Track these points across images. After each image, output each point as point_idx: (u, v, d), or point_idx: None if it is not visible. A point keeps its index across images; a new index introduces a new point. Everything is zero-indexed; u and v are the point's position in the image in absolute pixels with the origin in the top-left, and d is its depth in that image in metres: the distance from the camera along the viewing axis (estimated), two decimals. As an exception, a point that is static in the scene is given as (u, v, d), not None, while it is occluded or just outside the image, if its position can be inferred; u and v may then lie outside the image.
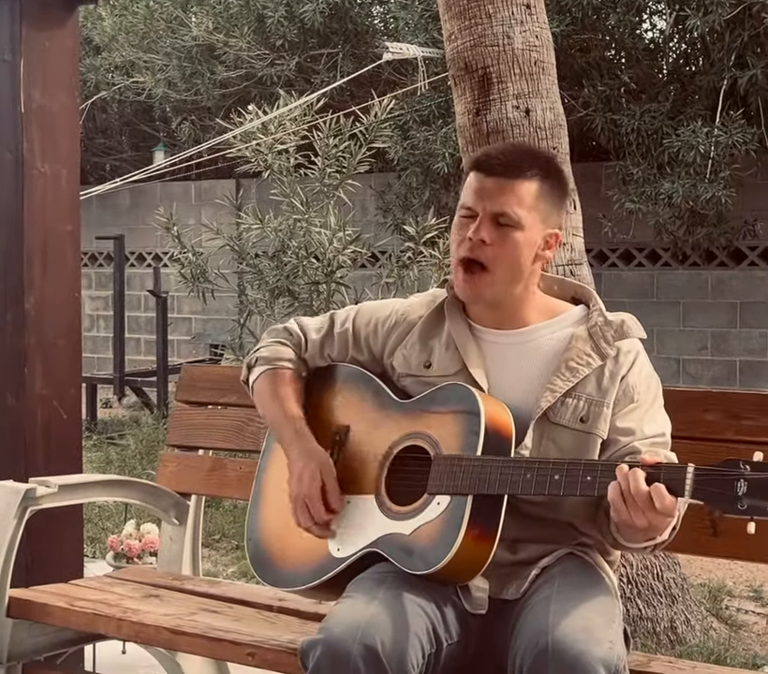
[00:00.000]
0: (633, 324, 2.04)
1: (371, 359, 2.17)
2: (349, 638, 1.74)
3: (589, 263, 3.98)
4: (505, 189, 1.98)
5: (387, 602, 1.82)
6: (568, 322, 2.06)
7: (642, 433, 1.97)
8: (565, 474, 1.82)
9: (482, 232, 1.97)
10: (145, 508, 2.82)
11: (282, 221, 5.30)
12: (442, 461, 1.93)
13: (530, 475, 1.85)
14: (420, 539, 1.90)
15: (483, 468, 1.88)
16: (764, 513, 1.65)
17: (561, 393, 1.97)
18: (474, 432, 1.91)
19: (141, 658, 2.93)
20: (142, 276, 10.03)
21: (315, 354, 2.21)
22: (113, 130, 11.20)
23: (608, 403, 1.97)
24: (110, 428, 7.56)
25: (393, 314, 2.15)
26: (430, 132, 7.60)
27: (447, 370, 2.04)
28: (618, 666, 1.71)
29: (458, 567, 1.86)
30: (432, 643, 1.83)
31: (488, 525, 1.87)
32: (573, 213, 3.76)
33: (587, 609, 1.79)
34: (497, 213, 1.98)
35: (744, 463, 1.68)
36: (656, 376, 2.06)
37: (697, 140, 6.97)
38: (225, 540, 4.92)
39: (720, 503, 1.68)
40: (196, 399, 2.87)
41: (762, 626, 3.86)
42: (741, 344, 7.99)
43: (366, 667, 1.72)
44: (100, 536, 4.66)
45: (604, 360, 1.99)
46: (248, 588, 2.68)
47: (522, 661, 1.73)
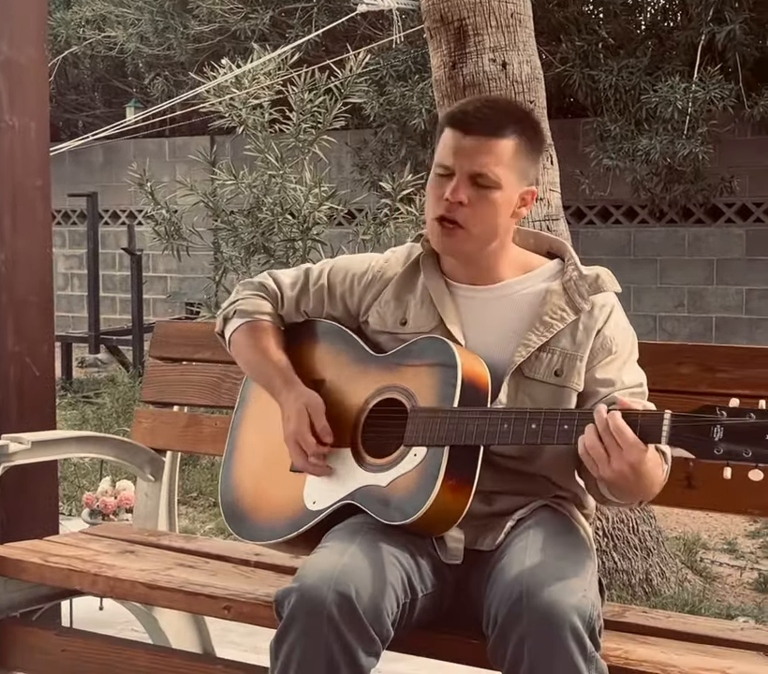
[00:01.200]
0: (608, 278, 2.04)
1: (346, 316, 2.15)
2: (323, 586, 1.74)
3: (567, 221, 3.96)
4: (483, 149, 1.95)
5: (361, 551, 1.82)
6: (542, 277, 2.05)
7: (621, 383, 1.97)
8: (542, 423, 1.83)
9: (460, 193, 1.95)
10: (120, 465, 2.81)
11: (257, 177, 5.24)
12: (419, 412, 1.93)
13: (507, 425, 1.85)
14: (396, 490, 1.90)
15: (460, 419, 1.88)
16: (740, 457, 1.66)
17: (535, 348, 1.97)
18: (451, 384, 1.91)
19: (119, 614, 2.94)
20: (117, 234, 9.95)
21: (291, 311, 2.19)
22: (85, 86, 11.04)
23: (581, 357, 1.98)
24: (85, 387, 7.53)
25: (370, 270, 2.14)
26: (406, 87, 7.53)
27: (423, 327, 2.04)
28: (592, 614, 1.72)
29: (434, 518, 1.87)
30: (406, 593, 1.84)
31: (464, 476, 1.87)
32: (550, 169, 3.74)
33: (561, 559, 1.80)
34: (476, 174, 1.95)
35: (720, 409, 1.68)
36: (631, 330, 2.06)
37: (675, 96, 6.93)
38: (202, 497, 4.92)
39: (697, 448, 1.69)
40: (170, 355, 2.85)
41: (736, 578, 3.91)
42: (717, 300, 8.02)
43: (340, 615, 1.72)
44: (76, 494, 4.65)
45: (578, 315, 1.99)
46: (225, 543, 2.68)
47: (496, 610, 1.74)
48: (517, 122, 1.99)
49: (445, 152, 1.98)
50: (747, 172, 7.79)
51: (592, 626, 1.71)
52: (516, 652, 1.70)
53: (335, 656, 1.73)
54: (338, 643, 1.72)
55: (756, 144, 7.77)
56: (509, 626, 1.71)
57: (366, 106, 7.48)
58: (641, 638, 1.98)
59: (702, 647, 1.95)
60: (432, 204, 2.00)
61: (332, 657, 1.73)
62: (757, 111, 7.18)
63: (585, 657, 1.69)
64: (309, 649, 1.73)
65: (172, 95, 8.96)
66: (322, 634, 1.72)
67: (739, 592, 3.79)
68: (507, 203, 1.97)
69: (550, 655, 1.68)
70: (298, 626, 1.74)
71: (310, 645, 1.73)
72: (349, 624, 1.73)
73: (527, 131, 1.99)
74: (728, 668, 1.82)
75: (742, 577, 3.92)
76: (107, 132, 8.32)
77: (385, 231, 5.18)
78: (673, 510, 4.38)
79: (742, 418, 1.66)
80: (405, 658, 2.01)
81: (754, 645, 1.96)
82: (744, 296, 7.96)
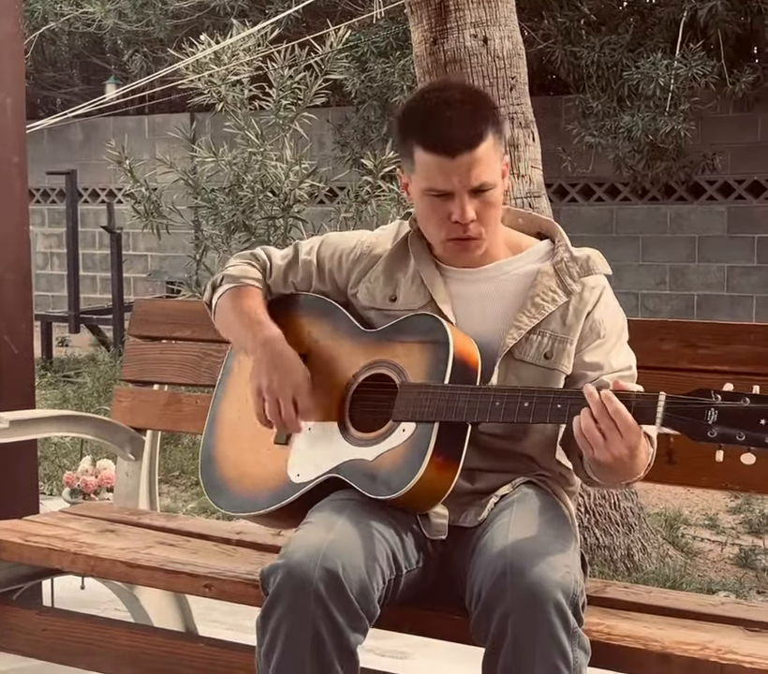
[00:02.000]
0: (599, 260, 2.03)
1: (335, 291, 2.14)
2: (310, 563, 1.73)
3: (549, 198, 3.95)
4: (475, 163, 1.90)
5: (347, 527, 1.82)
6: (533, 258, 2.04)
7: (609, 367, 1.97)
8: (534, 401, 1.82)
9: (469, 212, 1.91)
10: (100, 444, 2.79)
11: (237, 154, 5.20)
12: (408, 388, 1.92)
13: (499, 402, 1.84)
14: (383, 465, 1.89)
15: (452, 396, 1.87)
16: (733, 441, 1.66)
17: (527, 330, 1.96)
18: (442, 360, 1.90)
19: (100, 593, 2.94)
20: (96, 213, 9.87)
21: (278, 280, 2.18)
22: (63, 63, 10.92)
23: (571, 340, 1.97)
24: (66, 366, 7.49)
25: (359, 245, 2.12)
26: (387, 64, 7.48)
27: (413, 304, 2.03)
28: (576, 590, 1.72)
29: (420, 494, 1.87)
30: (392, 569, 1.84)
31: (452, 453, 1.87)
32: (532, 146, 3.72)
33: (544, 535, 1.80)
34: (477, 187, 1.91)
35: (715, 392, 1.69)
36: (621, 312, 2.06)
37: (657, 73, 6.91)
38: (184, 476, 4.91)
39: (691, 431, 1.69)
40: (149, 333, 2.83)
41: (717, 553, 3.93)
42: (699, 278, 8.04)
43: (327, 591, 1.72)
44: (57, 474, 4.63)
45: (569, 297, 1.99)
46: (206, 522, 2.68)
47: (480, 586, 1.74)
48: (486, 117, 1.93)
49: (436, 177, 1.91)
50: (729, 149, 7.79)
51: (575, 602, 1.72)
52: (500, 628, 1.70)
53: (322, 633, 1.72)
54: (325, 620, 1.72)
55: (738, 121, 7.76)
56: (492, 602, 1.71)
57: (347, 83, 7.43)
58: (623, 614, 1.98)
59: (684, 621, 1.96)
60: (436, 228, 1.96)
61: (319, 633, 1.72)
62: (739, 88, 7.17)
63: (569, 633, 1.69)
64: (295, 625, 1.73)
65: (151, 72, 8.86)
66: (309, 610, 1.72)
67: (720, 567, 3.81)
68: (501, 189, 1.96)
69: (533, 631, 1.68)
70: (284, 603, 1.74)
71: (296, 621, 1.73)
72: (336, 601, 1.72)
73: (494, 116, 1.94)
74: (708, 642, 1.82)
75: (723, 552, 3.95)
76: (85, 109, 8.24)
77: (367, 209, 5.16)
78: (655, 486, 4.40)
79: (736, 402, 1.67)
80: (390, 635, 2.02)
81: (734, 619, 1.97)
82: (725, 273, 7.98)
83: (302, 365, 2.03)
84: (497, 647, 1.71)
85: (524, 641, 1.68)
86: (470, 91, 2.01)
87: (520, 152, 3.65)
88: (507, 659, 1.70)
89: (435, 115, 1.92)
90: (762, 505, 4.42)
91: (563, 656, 1.68)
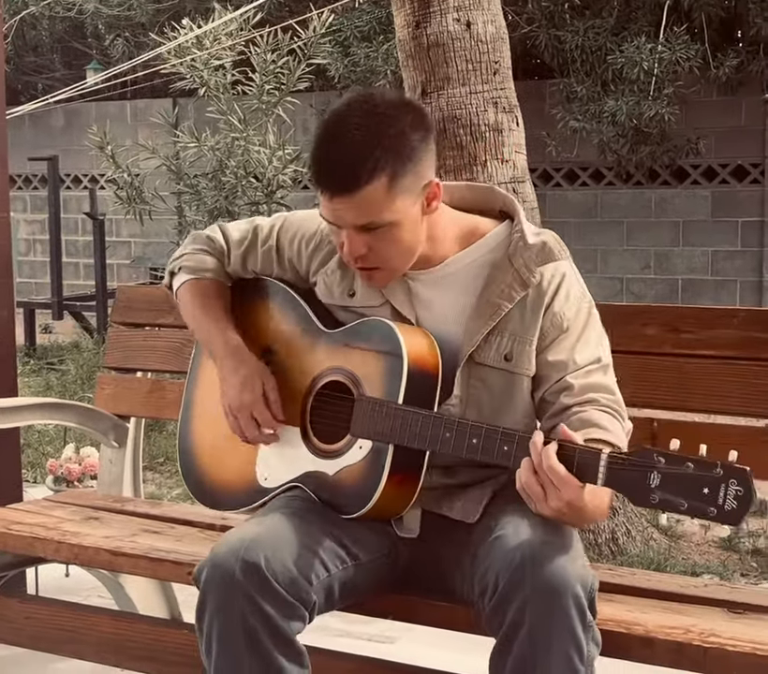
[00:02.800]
0: (555, 245, 1.92)
1: (296, 278, 2.08)
2: (232, 557, 1.72)
3: (533, 183, 3.94)
4: (354, 205, 1.77)
5: (279, 521, 1.80)
6: (488, 247, 1.93)
7: (574, 365, 1.87)
8: (482, 439, 1.76)
9: (355, 247, 1.81)
10: (83, 431, 2.78)
11: (219, 140, 5.18)
12: (365, 403, 1.87)
13: (449, 434, 1.78)
14: (343, 481, 1.88)
15: (404, 419, 1.81)
16: (675, 509, 1.60)
17: (483, 334, 1.88)
18: (396, 375, 1.84)
19: (85, 581, 2.93)
20: (79, 199, 9.82)
21: (237, 268, 2.13)
22: (44, 48, 10.83)
23: (531, 340, 1.88)
24: (49, 353, 7.45)
25: (319, 232, 2.03)
26: (371, 49, 7.44)
27: (371, 301, 1.96)
28: (593, 584, 1.70)
29: (383, 509, 1.86)
30: (343, 558, 1.81)
31: (410, 470, 1.84)
32: (516, 130, 3.70)
33: (556, 528, 1.75)
34: (362, 226, 1.80)
35: (657, 455, 1.60)
36: (586, 297, 1.94)
37: (641, 57, 6.90)
38: (169, 463, 4.90)
39: (633, 494, 1.62)
40: (132, 320, 2.81)
41: (701, 536, 3.95)
42: (683, 262, 8.05)
43: (250, 583, 1.70)
44: (41, 461, 4.62)
45: (526, 290, 1.88)
46: (190, 508, 2.66)
47: (496, 577, 1.69)
48: (379, 152, 1.76)
49: (323, 209, 1.82)
50: (713, 133, 7.80)
51: (592, 596, 1.69)
52: (516, 618, 1.67)
53: (253, 625, 1.70)
54: (253, 612, 1.70)
55: (721, 105, 7.76)
56: (510, 593, 1.67)
57: (331, 67, 7.40)
58: (606, 596, 1.98)
59: (667, 604, 1.96)
60: (340, 253, 1.89)
61: (251, 626, 1.70)
62: (722, 72, 7.16)
63: (584, 626, 1.67)
64: (226, 621, 1.71)
65: (133, 57, 8.80)
66: (236, 604, 1.70)
67: (704, 550, 3.83)
68: (409, 224, 1.83)
69: (550, 621, 1.65)
70: (212, 600, 1.73)
71: (227, 617, 1.71)
72: (262, 592, 1.70)
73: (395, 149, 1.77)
74: (692, 626, 1.82)
75: (707, 535, 3.96)
76: (67, 94, 8.18)
77: (350, 194, 5.13)
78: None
79: (679, 467, 1.58)
80: (372, 621, 2.02)
81: (717, 601, 1.98)
82: (709, 257, 7.99)
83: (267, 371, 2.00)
84: (512, 638, 1.68)
85: (541, 632, 1.65)
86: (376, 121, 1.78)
87: (504, 136, 3.63)
88: (521, 649, 1.67)
89: (324, 151, 1.80)
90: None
91: (578, 649, 1.66)
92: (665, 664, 1.80)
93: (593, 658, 1.70)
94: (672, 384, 2.20)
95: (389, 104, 1.81)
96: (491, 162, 3.58)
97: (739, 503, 1.56)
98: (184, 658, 2.23)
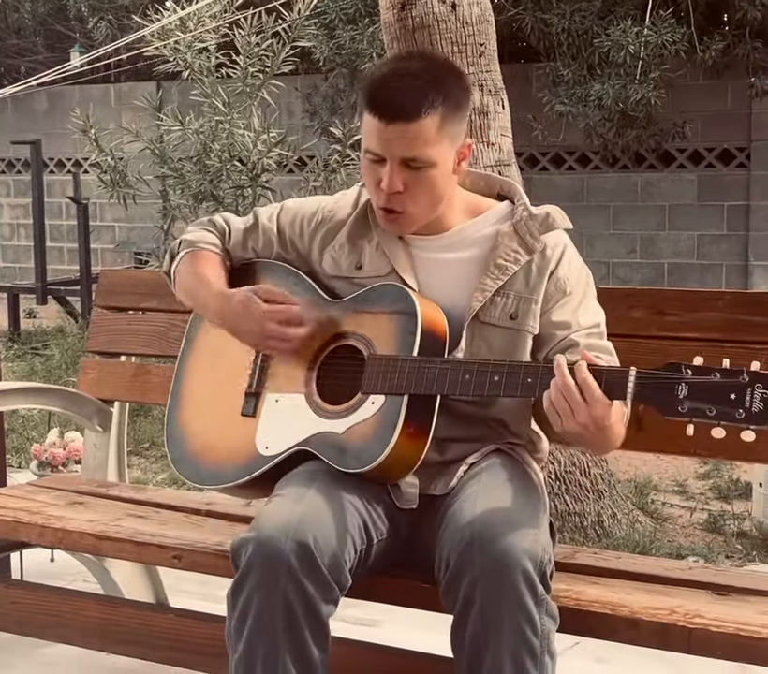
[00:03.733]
0: (558, 215, 2.01)
1: (298, 258, 2.11)
2: (281, 536, 1.72)
3: (520, 167, 3.92)
4: (408, 135, 1.86)
5: (318, 499, 1.81)
6: (492, 219, 2.03)
7: (578, 325, 1.96)
8: (505, 375, 1.81)
9: (396, 182, 1.89)
10: (67, 416, 2.77)
11: (204, 123, 5.14)
12: (377, 360, 1.90)
13: (469, 376, 1.83)
14: (353, 438, 1.88)
15: (420, 368, 1.86)
16: (704, 415, 1.66)
17: (491, 292, 1.95)
18: (410, 332, 1.89)
19: (70, 566, 2.93)
20: (63, 183, 9.75)
21: (237, 245, 2.14)
22: (27, 30, 10.74)
23: (536, 300, 1.96)
24: (33, 338, 7.42)
25: (320, 211, 2.10)
26: (356, 31, 7.40)
27: (379, 270, 2.01)
28: (544, 558, 1.72)
29: (391, 466, 1.86)
30: (363, 539, 1.83)
31: (422, 424, 1.87)
32: (501, 113, 3.68)
33: (512, 503, 1.80)
34: (407, 159, 1.89)
35: (685, 367, 1.68)
36: (585, 268, 2.05)
37: (627, 40, 6.88)
38: (155, 448, 4.89)
39: (662, 405, 1.69)
40: (116, 304, 2.80)
41: (686, 519, 3.97)
42: (669, 246, 8.06)
43: (299, 564, 1.71)
44: (25, 446, 4.60)
45: (531, 255, 1.97)
46: (175, 493, 2.66)
47: (448, 554, 1.74)
48: (438, 91, 1.88)
49: (371, 139, 1.90)
50: (699, 117, 7.79)
51: (543, 570, 1.72)
52: (467, 596, 1.70)
53: (294, 606, 1.72)
54: (297, 592, 1.71)
55: (707, 89, 7.75)
56: (460, 570, 1.71)
57: (316, 50, 7.35)
58: (591, 579, 1.99)
59: (652, 586, 1.97)
60: (371, 191, 1.96)
61: (291, 607, 1.72)
62: (709, 56, 7.15)
63: (536, 600, 1.69)
64: (267, 598, 1.72)
65: (117, 40, 8.74)
66: (280, 584, 1.71)
67: (689, 532, 3.84)
68: (445, 173, 1.93)
69: (500, 598, 1.68)
70: (255, 576, 1.73)
71: (268, 595, 1.72)
72: (308, 573, 1.72)
73: (450, 93, 1.90)
74: (676, 607, 1.83)
75: (692, 517, 3.98)
76: (50, 77, 8.12)
77: (336, 178, 5.12)
78: (625, 453, 4.42)
79: (707, 377, 1.66)
80: (361, 603, 2.02)
81: (702, 583, 1.98)
82: (695, 241, 8.00)
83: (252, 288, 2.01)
84: (465, 615, 1.72)
85: (492, 609, 1.68)
86: (436, 66, 1.95)
87: (489, 119, 3.62)
88: (475, 627, 1.70)
89: (387, 80, 1.90)
90: (731, 471, 4.46)
91: (530, 623, 1.68)
92: (650, 645, 1.81)
93: (549, 632, 1.72)
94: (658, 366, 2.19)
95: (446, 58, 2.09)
96: (476, 145, 3.56)
97: (766, 404, 1.64)
98: (170, 642, 2.23)
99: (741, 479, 4.32)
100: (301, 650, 1.73)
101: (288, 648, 1.72)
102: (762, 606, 1.87)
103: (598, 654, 2.65)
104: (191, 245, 2.13)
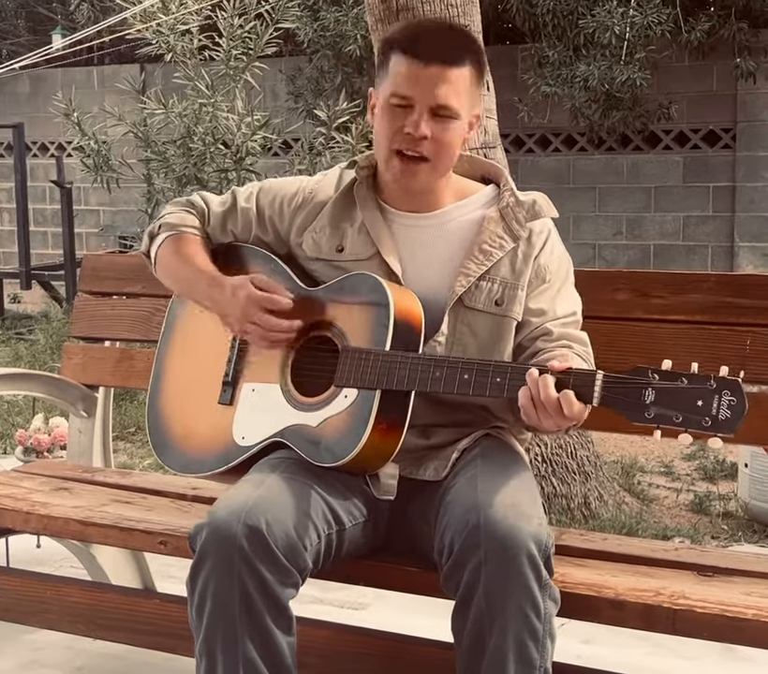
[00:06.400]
0: (544, 203, 2.01)
1: (276, 240, 2.10)
2: (233, 520, 1.72)
3: (505, 149, 3.91)
4: (444, 79, 1.88)
5: (278, 483, 1.81)
6: (479, 203, 2.02)
7: (554, 313, 1.96)
8: (474, 374, 1.80)
9: (424, 127, 1.88)
10: (51, 401, 2.75)
11: (187, 106, 5.10)
12: (350, 353, 1.89)
13: (439, 373, 1.82)
14: (326, 431, 1.88)
15: (392, 363, 1.84)
16: (670, 422, 1.65)
17: (475, 277, 1.94)
18: (383, 324, 1.87)
19: (57, 552, 2.92)
20: (46, 167, 9.69)
21: (216, 227, 2.13)
22: (8, 13, 10.66)
23: (522, 286, 1.96)
24: (18, 323, 7.39)
25: (300, 192, 2.08)
26: (341, 13, 7.36)
27: (360, 254, 1.99)
28: (548, 542, 1.72)
29: (365, 459, 1.86)
30: (330, 523, 1.82)
31: (395, 419, 1.85)
32: (487, 95, 3.66)
33: (513, 487, 1.79)
34: (438, 106, 1.89)
35: (652, 372, 1.66)
36: (567, 255, 2.04)
37: (612, 21, 6.86)
38: (140, 433, 4.87)
39: (628, 411, 1.67)
40: (99, 289, 2.78)
41: (672, 500, 3.98)
42: (655, 227, 8.06)
43: (251, 547, 1.71)
44: (10, 432, 4.58)
45: (516, 242, 1.97)
46: (161, 478, 2.64)
47: (452, 539, 1.72)
48: (471, 49, 1.93)
49: (402, 81, 1.89)
50: (685, 98, 7.78)
51: (547, 553, 1.71)
52: (472, 579, 1.69)
53: (249, 589, 1.71)
54: (251, 576, 1.71)
55: (693, 70, 7.74)
56: (465, 554, 1.70)
57: (299, 32, 7.31)
58: (577, 561, 1.99)
59: (637, 568, 1.97)
60: (388, 136, 1.92)
61: (246, 590, 1.71)
62: (694, 36, 7.14)
63: (540, 584, 1.69)
64: (223, 583, 1.72)
65: (99, 22, 8.66)
66: (234, 567, 1.71)
67: (675, 513, 3.86)
68: (461, 132, 1.94)
69: (506, 581, 1.67)
70: (210, 561, 1.73)
71: (224, 579, 1.72)
72: (262, 557, 1.71)
73: (479, 58, 1.94)
74: (661, 588, 1.84)
75: (678, 498, 4.00)
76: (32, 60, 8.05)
77: (321, 161, 5.08)
78: (611, 435, 4.43)
79: (674, 382, 1.64)
80: (345, 587, 2.02)
81: (687, 565, 1.99)
82: (681, 222, 8.00)
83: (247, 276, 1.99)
84: (469, 598, 1.70)
85: (497, 592, 1.67)
86: (464, 31, 2.04)
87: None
88: (479, 609, 1.69)
89: (424, 28, 1.99)
90: (716, 452, 4.48)
91: (534, 607, 1.68)
92: (636, 626, 1.81)
93: (551, 615, 1.72)
94: (643, 349, 2.20)
95: None
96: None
97: (733, 412, 1.63)
98: (157, 627, 2.23)
99: (727, 460, 4.34)
100: (263, 634, 1.72)
101: (247, 632, 1.72)
102: (747, 586, 1.88)
103: (585, 636, 2.66)
104: (173, 229, 2.11)
